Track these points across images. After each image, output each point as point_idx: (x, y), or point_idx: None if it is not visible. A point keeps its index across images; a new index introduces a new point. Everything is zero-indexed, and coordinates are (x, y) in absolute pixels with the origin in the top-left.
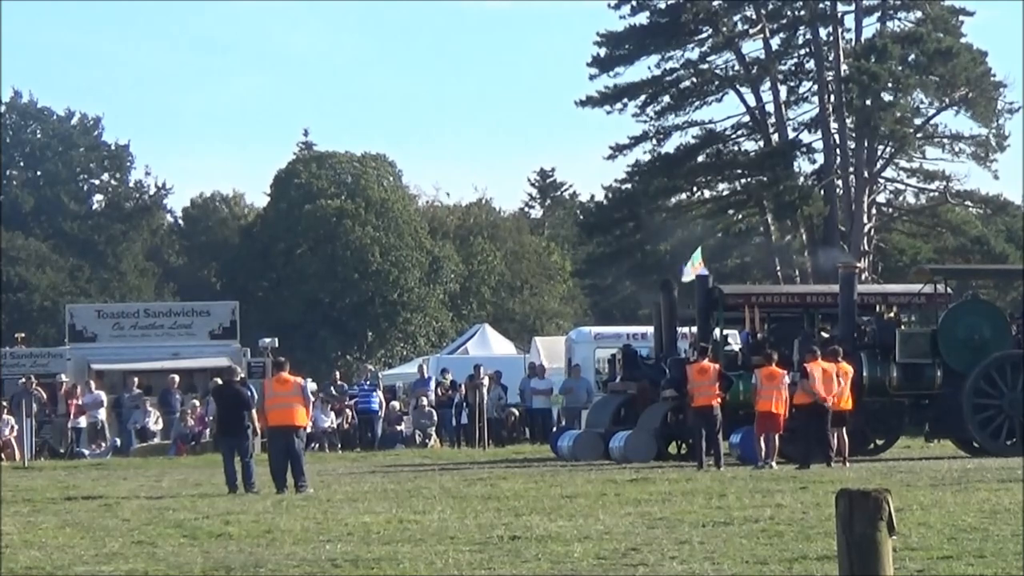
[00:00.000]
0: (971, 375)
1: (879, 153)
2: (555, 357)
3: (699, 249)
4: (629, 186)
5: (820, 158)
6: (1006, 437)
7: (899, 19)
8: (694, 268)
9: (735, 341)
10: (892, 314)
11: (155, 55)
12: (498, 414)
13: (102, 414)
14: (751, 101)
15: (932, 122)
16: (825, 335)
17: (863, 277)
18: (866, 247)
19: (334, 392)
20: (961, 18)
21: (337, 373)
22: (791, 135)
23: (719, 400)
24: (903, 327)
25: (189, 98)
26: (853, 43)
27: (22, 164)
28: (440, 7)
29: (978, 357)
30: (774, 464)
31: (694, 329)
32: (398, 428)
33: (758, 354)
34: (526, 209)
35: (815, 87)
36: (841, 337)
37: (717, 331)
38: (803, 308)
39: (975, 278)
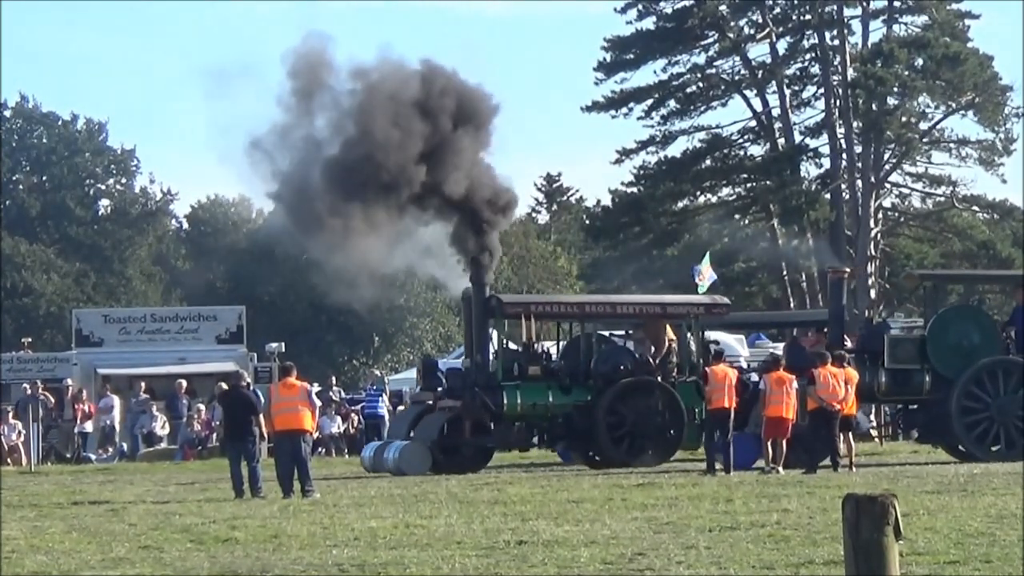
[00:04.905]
0: (959, 381)
1: (885, 158)
2: None
3: (707, 254)
4: (635, 190)
5: (826, 163)
6: (994, 443)
7: (905, 24)
8: (701, 276)
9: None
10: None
11: (161, 60)
12: None
13: (115, 418)
14: (757, 106)
15: (938, 127)
16: (631, 345)
17: (870, 283)
18: (873, 252)
19: (333, 397)
20: (967, 22)
21: (333, 378)
22: (797, 139)
23: (735, 405)
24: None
25: (196, 103)
26: (859, 47)
27: (28, 169)
28: (446, 11)
29: (967, 363)
30: (781, 469)
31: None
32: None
33: (534, 364)
34: (533, 214)
35: (821, 91)
36: (830, 343)
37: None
38: (581, 318)
39: (964, 283)
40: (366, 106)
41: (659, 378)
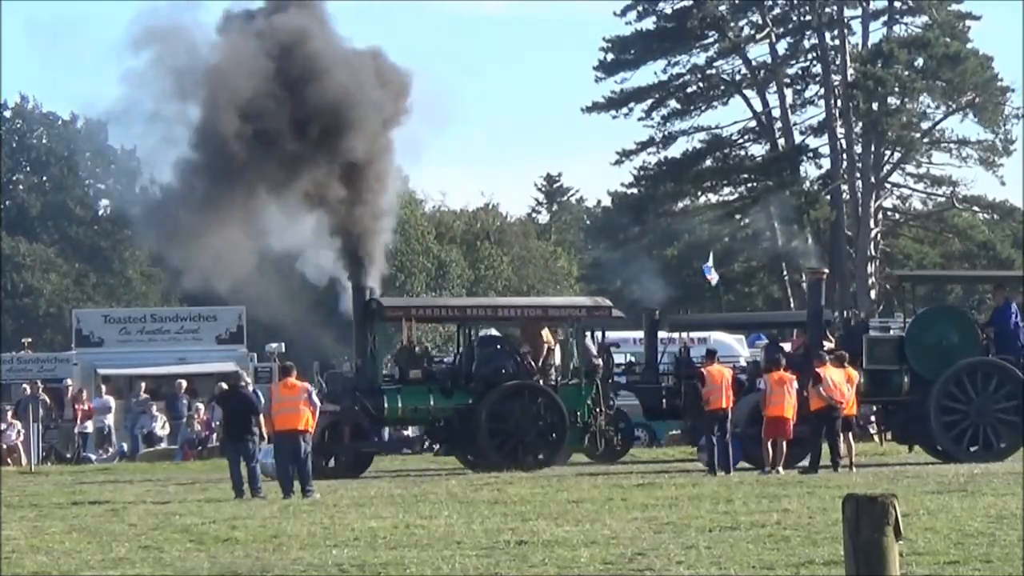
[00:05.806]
0: (938, 382)
1: (886, 158)
2: None
3: (711, 255)
4: (636, 191)
5: (826, 163)
6: (971, 444)
7: (905, 24)
8: (711, 276)
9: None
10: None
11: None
12: None
13: (110, 419)
14: (757, 106)
15: (939, 127)
16: (525, 349)
17: (870, 283)
18: (873, 252)
19: None
20: (967, 23)
21: None
22: (797, 139)
23: (731, 404)
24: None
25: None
26: (860, 48)
27: (28, 169)
28: (446, 11)
29: (945, 364)
30: (781, 469)
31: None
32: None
33: (416, 367)
34: (533, 214)
35: (821, 92)
36: (810, 343)
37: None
38: (462, 321)
39: (943, 283)
40: (217, 88)
41: (540, 381)
